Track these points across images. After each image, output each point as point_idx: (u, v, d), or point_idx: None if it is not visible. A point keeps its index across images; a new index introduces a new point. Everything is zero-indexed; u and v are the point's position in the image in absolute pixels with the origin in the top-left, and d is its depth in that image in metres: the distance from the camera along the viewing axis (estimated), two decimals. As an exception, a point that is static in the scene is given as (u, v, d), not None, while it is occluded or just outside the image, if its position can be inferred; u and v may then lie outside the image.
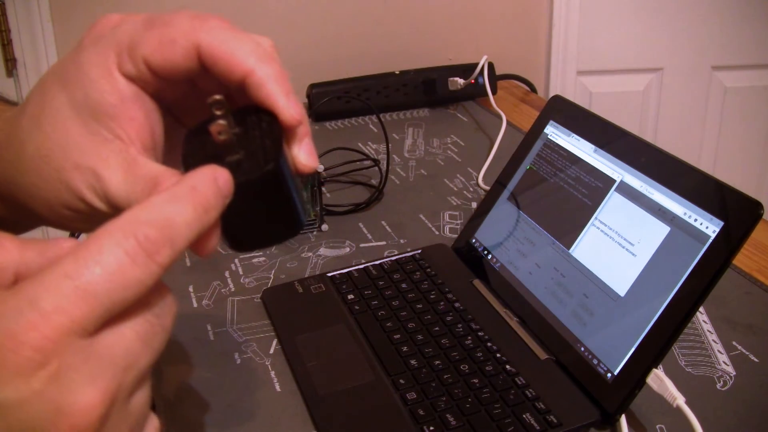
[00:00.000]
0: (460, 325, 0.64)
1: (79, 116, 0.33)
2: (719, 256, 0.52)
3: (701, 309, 0.68)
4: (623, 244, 0.60)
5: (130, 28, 0.34)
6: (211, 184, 0.29)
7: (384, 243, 0.81)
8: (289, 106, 0.33)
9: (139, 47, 0.33)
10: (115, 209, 0.33)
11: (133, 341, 0.27)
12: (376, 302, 0.68)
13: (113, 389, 0.25)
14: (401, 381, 0.58)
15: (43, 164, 0.34)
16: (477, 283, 0.71)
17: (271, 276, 0.75)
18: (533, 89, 1.35)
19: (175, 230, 0.27)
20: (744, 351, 0.63)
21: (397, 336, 0.63)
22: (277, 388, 0.59)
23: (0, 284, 0.27)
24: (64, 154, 0.33)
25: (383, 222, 0.85)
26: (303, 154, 0.35)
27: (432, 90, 1.21)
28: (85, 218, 0.35)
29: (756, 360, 0.62)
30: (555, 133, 0.72)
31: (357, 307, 0.67)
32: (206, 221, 0.28)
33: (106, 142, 0.33)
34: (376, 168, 0.93)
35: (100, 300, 0.25)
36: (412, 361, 0.60)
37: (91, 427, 0.24)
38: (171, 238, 0.27)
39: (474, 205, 0.89)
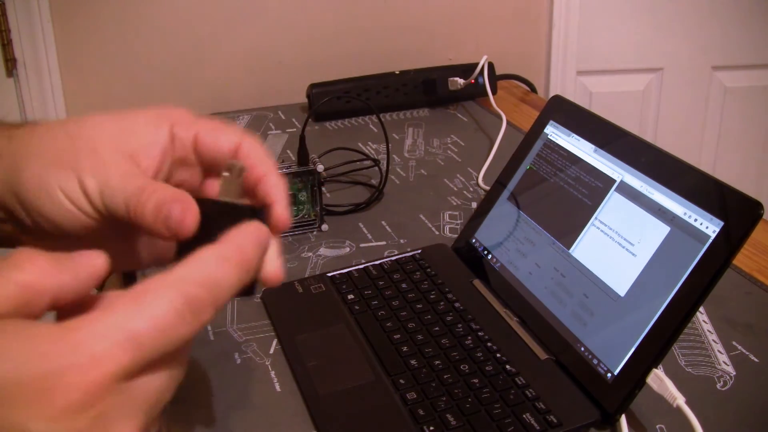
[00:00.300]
0: (460, 325, 0.64)
1: (115, 130, 0.38)
2: (719, 256, 0.52)
3: (701, 309, 0.68)
4: (623, 244, 0.60)
5: (193, 113, 0.40)
6: (255, 246, 0.32)
7: (384, 243, 0.81)
8: (285, 211, 0.37)
9: (198, 125, 0.39)
10: (100, 203, 0.36)
11: (165, 383, 0.29)
12: (376, 302, 0.68)
13: (144, 424, 0.28)
14: (401, 381, 0.58)
15: (66, 139, 0.37)
16: (477, 283, 0.71)
17: (271, 276, 0.75)
18: (533, 89, 1.35)
19: (221, 292, 0.29)
20: (744, 351, 0.63)
21: (397, 336, 0.63)
22: (277, 388, 0.59)
23: (38, 309, 0.27)
24: (88, 141, 0.37)
25: (383, 222, 0.85)
26: (276, 265, 0.37)
27: (432, 90, 1.21)
28: (68, 212, 0.37)
29: (756, 360, 0.62)
30: (555, 133, 0.72)
31: (357, 307, 0.67)
32: (246, 280, 0.31)
33: (124, 156, 0.37)
34: (376, 168, 0.93)
35: (146, 351, 0.27)
36: (412, 361, 0.60)
37: None
38: (216, 299, 0.29)
39: (474, 205, 0.89)
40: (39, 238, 0.39)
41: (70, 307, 0.29)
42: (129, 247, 0.41)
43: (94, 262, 0.30)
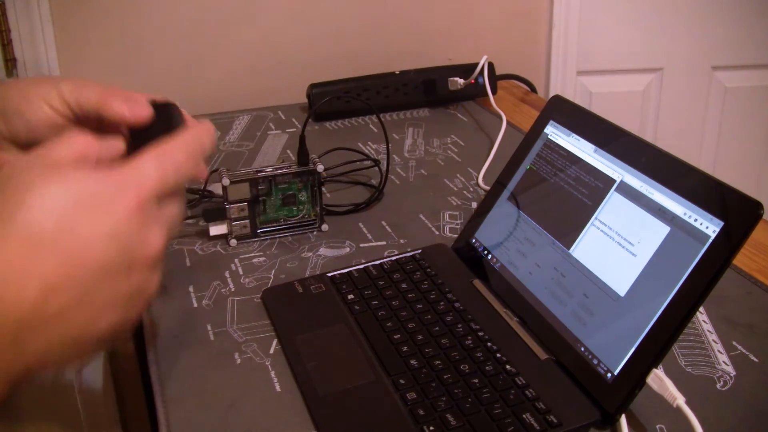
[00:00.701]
0: (460, 325, 0.64)
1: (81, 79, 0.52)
2: (719, 256, 0.52)
3: (701, 309, 0.68)
4: (623, 244, 0.60)
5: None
6: (212, 130, 0.47)
7: (384, 243, 0.81)
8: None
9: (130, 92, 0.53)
10: (73, 102, 0.49)
11: (179, 211, 0.43)
12: (376, 302, 0.68)
13: (167, 237, 0.41)
14: (401, 381, 0.58)
15: (46, 76, 0.57)
16: (477, 283, 0.71)
17: (271, 276, 0.75)
18: (533, 89, 1.35)
19: (204, 147, 0.44)
20: (744, 351, 0.63)
21: (397, 336, 0.63)
22: (277, 388, 0.59)
23: (89, 166, 0.39)
24: (62, 76, 0.53)
25: (383, 222, 0.85)
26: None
27: (432, 90, 1.21)
28: (45, 114, 0.49)
29: (756, 360, 0.62)
30: (555, 133, 0.72)
31: (357, 307, 0.67)
32: (213, 146, 0.46)
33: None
34: (376, 168, 0.93)
35: (170, 181, 0.40)
36: (412, 361, 0.60)
37: (157, 260, 0.40)
38: (203, 151, 0.44)
39: (474, 205, 0.89)
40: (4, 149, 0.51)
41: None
42: None
43: (117, 142, 0.45)
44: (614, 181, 0.63)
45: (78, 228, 0.35)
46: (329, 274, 0.73)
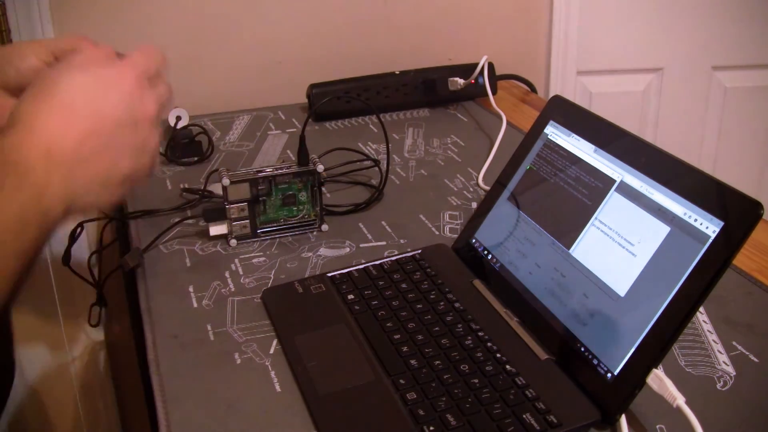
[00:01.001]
0: (460, 325, 0.64)
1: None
2: (719, 256, 0.52)
3: (701, 309, 0.68)
4: (623, 244, 0.60)
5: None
6: (158, 49, 0.58)
7: (384, 243, 0.81)
8: None
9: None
10: (54, 47, 0.61)
11: (167, 90, 0.57)
12: (376, 302, 0.68)
13: (158, 111, 0.54)
14: (401, 381, 0.58)
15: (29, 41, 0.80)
16: (477, 283, 0.71)
17: (271, 276, 0.75)
18: (533, 89, 1.35)
19: (164, 57, 0.57)
20: (744, 351, 0.63)
21: (397, 336, 0.63)
22: (277, 388, 0.59)
23: (99, 63, 0.55)
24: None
25: (383, 222, 0.85)
26: None
27: (432, 90, 1.21)
28: (30, 62, 0.60)
29: (756, 360, 0.62)
30: (555, 133, 0.72)
31: (357, 307, 0.67)
32: (164, 60, 0.58)
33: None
34: (376, 168, 0.94)
35: (152, 66, 0.55)
36: (412, 361, 0.60)
37: (155, 119, 0.54)
38: (163, 59, 0.57)
39: (474, 205, 0.89)
40: None
41: None
42: None
43: (113, 53, 0.57)
44: (614, 181, 0.63)
45: (97, 98, 0.51)
46: (329, 274, 0.73)
